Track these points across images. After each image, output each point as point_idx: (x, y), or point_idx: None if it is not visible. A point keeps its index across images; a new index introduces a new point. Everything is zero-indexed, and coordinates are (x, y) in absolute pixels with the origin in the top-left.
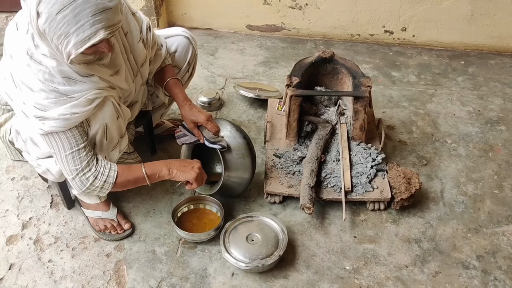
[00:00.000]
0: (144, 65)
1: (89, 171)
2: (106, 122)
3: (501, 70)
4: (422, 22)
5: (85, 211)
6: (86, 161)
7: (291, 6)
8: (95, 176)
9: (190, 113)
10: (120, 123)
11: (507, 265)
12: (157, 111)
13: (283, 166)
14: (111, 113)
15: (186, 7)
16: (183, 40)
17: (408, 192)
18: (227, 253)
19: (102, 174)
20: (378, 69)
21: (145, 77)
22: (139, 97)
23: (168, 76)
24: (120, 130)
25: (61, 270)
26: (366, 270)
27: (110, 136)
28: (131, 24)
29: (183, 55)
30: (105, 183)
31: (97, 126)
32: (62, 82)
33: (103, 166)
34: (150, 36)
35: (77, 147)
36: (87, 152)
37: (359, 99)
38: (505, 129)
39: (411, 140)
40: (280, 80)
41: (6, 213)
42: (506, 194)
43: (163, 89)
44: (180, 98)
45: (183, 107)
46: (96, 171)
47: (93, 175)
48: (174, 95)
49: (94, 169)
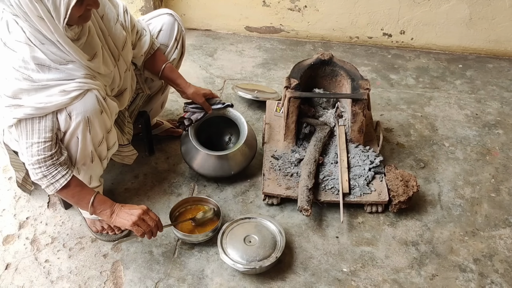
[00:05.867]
0: (125, 48)
1: (42, 167)
2: (88, 115)
3: (499, 74)
4: (420, 25)
5: (82, 212)
6: (44, 156)
7: (290, 8)
8: (44, 175)
9: (198, 89)
10: (104, 118)
11: (503, 269)
12: (156, 98)
13: (281, 167)
14: (93, 107)
15: (185, 8)
16: (167, 18)
17: (406, 194)
18: (225, 254)
19: (53, 176)
20: (376, 71)
21: (128, 61)
22: (127, 84)
23: (161, 62)
24: (105, 125)
25: (57, 270)
26: (364, 273)
27: (94, 131)
28: (106, 6)
29: (169, 32)
30: (50, 186)
31: (79, 119)
32: (36, 69)
33: (58, 171)
34: (128, 18)
35: (43, 140)
36: (51, 147)
37: (357, 101)
38: (502, 133)
39: (409, 143)
40: (278, 81)
41: (3, 213)
42: (503, 198)
43: (159, 77)
44: (183, 82)
45: (189, 87)
46: (47, 171)
47: (42, 173)
48: (174, 80)
49: (46, 168)
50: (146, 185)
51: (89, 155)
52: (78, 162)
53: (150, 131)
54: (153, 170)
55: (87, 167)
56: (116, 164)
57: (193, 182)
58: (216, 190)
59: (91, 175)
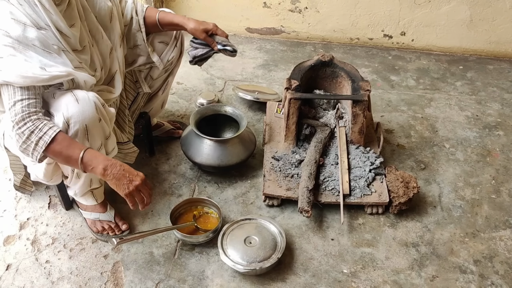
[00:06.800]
0: (113, 20)
1: (28, 122)
2: (86, 123)
3: (500, 75)
4: (421, 26)
5: (83, 213)
6: (28, 111)
7: (291, 9)
8: (31, 130)
9: (199, 24)
10: (103, 125)
11: (504, 270)
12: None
13: (282, 169)
14: (91, 115)
15: (186, 9)
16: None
17: (406, 196)
18: (225, 255)
19: (40, 129)
20: (377, 73)
21: (115, 39)
22: (115, 66)
23: (154, 12)
24: (104, 133)
25: (58, 271)
26: (364, 274)
27: (92, 138)
28: None
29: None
30: (39, 141)
31: (77, 127)
32: (12, 24)
33: (44, 124)
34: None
35: (27, 96)
36: (36, 105)
37: (358, 102)
38: (503, 134)
39: (410, 144)
40: (279, 83)
41: (4, 214)
42: (504, 199)
43: (160, 27)
44: (181, 19)
45: (189, 22)
46: (33, 126)
47: (29, 129)
48: (172, 21)
49: (32, 123)
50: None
51: None
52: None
53: (151, 132)
54: (153, 171)
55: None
56: None
57: (193, 183)
58: (217, 191)
59: (91, 178)
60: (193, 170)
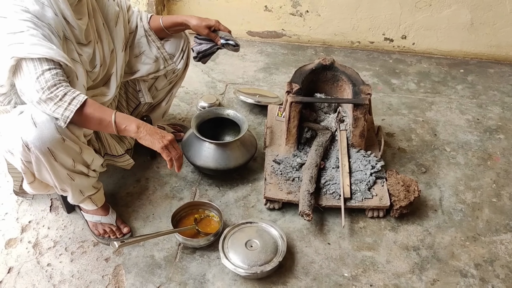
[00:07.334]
0: (119, 24)
1: (60, 87)
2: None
3: (500, 79)
4: (422, 30)
5: (85, 215)
6: (59, 79)
7: (292, 12)
8: (64, 92)
9: (202, 20)
10: (69, 144)
11: (504, 274)
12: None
13: (283, 172)
14: (51, 137)
15: (187, 13)
16: None
17: (407, 199)
18: (226, 259)
19: (73, 92)
20: (378, 76)
21: (117, 43)
22: (112, 68)
23: (157, 18)
24: (73, 150)
25: (60, 274)
26: (365, 278)
27: (60, 158)
28: None
29: (176, 42)
30: (73, 100)
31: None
32: (32, 2)
33: (74, 90)
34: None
35: (54, 66)
36: (63, 75)
37: (359, 106)
38: (503, 138)
39: (410, 147)
40: (280, 86)
41: (6, 217)
42: (504, 203)
43: (166, 30)
44: (184, 16)
45: (192, 19)
46: (66, 89)
47: (62, 91)
48: (176, 21)
49: (64, 87)
50: (148, 189)
51: (66, 177)
52: (57, 186)
53: None
54: (155, 174)
55: (72, 186)
56: (118, 169)
57: (194, 186)
58: (218, 195)
59: (80, 190)
60: (194, 173)
